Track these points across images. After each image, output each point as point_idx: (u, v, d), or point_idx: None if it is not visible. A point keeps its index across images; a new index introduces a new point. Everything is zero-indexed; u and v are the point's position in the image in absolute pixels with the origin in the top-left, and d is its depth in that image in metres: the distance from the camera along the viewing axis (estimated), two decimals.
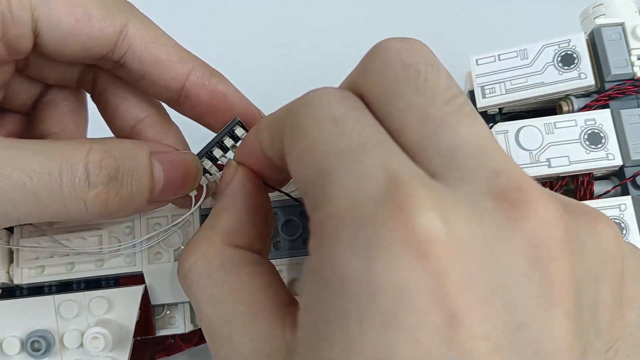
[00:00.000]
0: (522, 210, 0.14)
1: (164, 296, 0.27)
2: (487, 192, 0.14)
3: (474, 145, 0.15)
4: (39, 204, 0.20)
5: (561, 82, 0.28)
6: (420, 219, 0.13)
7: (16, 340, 0.25)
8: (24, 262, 0.25)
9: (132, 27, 0.23)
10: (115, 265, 0.26)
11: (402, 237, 0.13)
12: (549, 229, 0.14)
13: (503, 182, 0.14)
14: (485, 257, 0.14)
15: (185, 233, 0.26)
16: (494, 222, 0.14)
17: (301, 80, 0.42)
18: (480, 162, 0.15)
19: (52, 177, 0.20)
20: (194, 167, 0.23)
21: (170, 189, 0.23)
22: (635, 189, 0.27)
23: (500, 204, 0.14)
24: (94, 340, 0.24)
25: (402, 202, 0.13)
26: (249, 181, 0.21)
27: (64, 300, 0.26)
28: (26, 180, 0.20)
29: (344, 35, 0.43)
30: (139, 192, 0.21)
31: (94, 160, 0.20)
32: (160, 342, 0.28)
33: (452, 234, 0.13)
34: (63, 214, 0.21)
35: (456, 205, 0.14)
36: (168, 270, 0.26)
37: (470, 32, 0.42)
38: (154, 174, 0.22)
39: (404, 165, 0.15)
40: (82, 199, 0.20)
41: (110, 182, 0.21)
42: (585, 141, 0.27)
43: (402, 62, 0.17)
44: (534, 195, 0.14)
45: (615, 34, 0.28)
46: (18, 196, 0.20)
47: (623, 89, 0.28)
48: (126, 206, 0.21)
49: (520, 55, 0.28)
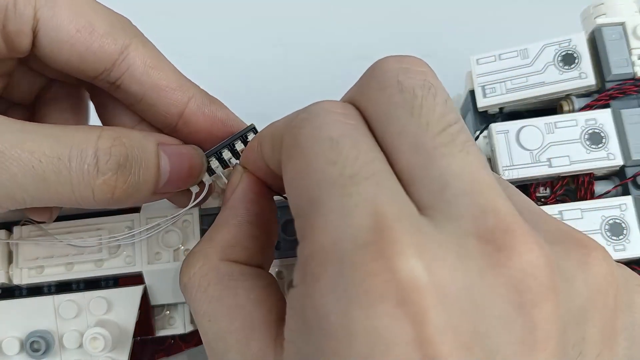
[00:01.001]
0: (506, 254, 0.14)
1: (164, 296, 0.26)
2: (472, 233, 0.14)
3: (463, 179, 0.15)
4: (47, 188, 0.20)
5: (562, 82, 0.28)
6: (403, 265, 0.13)
7: (16, 341, 0.25)
8: (23, 262, 0.25)
9: (134, 49, 0.22)
10: (115, 265, 0.26)
11: (382, 283, 0.13)
12: (533, 274, 0.14)
13: (489, 223, 0.14)
14: (467, 303, 0.14)
15: (185, 233, 0.26)
16: (478, 266, 0.14)
17: (299, 79, 0.42)
18: (468, 200, 0.15)
19: (61, 161, 0.20)
20: (199, 161, 0.23)
21: (175, 181, 0.23)
22: (636, 188, 0.27)
23: (484, 247, 0.14)
24: (93, 340, 0.24)
25: (384, 247, 0.13)
26: (253, 189, 0.21)
27: (63, 301, 0.25)
28: (35, 163, 0.20)
29: (345, 35, 0.43)
30: (145, 181, 0.21)
31: (103, 147, 0.20)
32: (159, 342, 0.28)
33: (434, 280, 0.13)
34: (70, 200, 0.20)
35: (440, 249, 0.14)
36: (167, 270, 0.26)
37: (471, 31, 0.42)
38: (161, 164, 0.22)
39: (393, 203, 0.14)
40: (90, 185, 0.20)
41: (119, 170, 0.20)
42: (586, 141, 0.27)
43: (400, 84, 0.16)
44: (520, 237, 0.14)
45: (615, 33, 0.28)
46: (26, 179, 0.20)
47: (624, 88, 0.27)
48: (132, 195, 0.21)
49: (521, 55, 0.28)
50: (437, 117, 0.16)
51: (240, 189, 0.21)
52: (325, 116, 0.16)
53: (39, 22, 0.22)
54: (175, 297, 0.27)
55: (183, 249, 0.26)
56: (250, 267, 0.20)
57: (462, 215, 0.14)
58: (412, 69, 0.17)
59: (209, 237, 0.20)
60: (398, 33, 0.43)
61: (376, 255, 0.13)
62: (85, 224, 0.26)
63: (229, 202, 0.21)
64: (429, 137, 0.15)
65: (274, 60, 0.43)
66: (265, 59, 0.43)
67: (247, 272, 0.19)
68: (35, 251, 0.26)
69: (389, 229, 0.14)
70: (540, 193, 0.28)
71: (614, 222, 0.26)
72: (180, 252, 0.26)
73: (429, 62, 0.17)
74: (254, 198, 0.21)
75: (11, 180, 0.19)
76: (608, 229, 0.26)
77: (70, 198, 0.20)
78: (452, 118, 0.16)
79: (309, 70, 0.42)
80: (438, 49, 0.41)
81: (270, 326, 0.18)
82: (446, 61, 0.16)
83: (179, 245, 0.26)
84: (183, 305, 0.27)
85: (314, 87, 0.42)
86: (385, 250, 0.13)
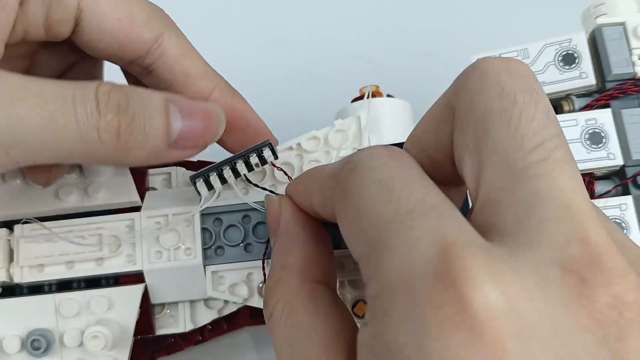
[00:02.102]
0: (591, 287, 0.13)
1: (164, 295, 0.26)
2: (555, 261, 0.13)
3: (553, 204, 0.14)
4: (56, 131, 0.20)
5: (562, 82, 0.28)
6: (476, 293, 0.13)
7: (16, 339, 0.25)
8: (24, 260, 0.25)
9: (168, 37, 0.24)
10: (115, 264, 0.26)
11: (455, 313, 0.12)
12: (621, 308, 0.13)
13: (575, 252, 0.13)
14: (549, 334, 0.13)
15: (186, 233, 0.26)
16: (560, 295, 0.13)
17: (298, 79, 0.42)
18: (555, 226, 0.14)
19: (67, 102, 0.20)
20: (216, 115, 0.23)
21: (190, 134, 0.22)
22: (636, 188, 0.27)
23: (568, 277, 0.13)
24: (94, 339, 0.24)
25: (454, 276, 0.13)
26: (299, 212, 0.21)
27: (64, 299, 0.25)
28: (42, 104, 0.20)
29: (345, 35, 0.43)
30: (152, 128, 0.21)
31: (103, 90, 0.21)
32: (160, 341, 0.28)
33: (512, 308, 0.13)
34: (79, 146, 0.20)
35: (517, 275, 0.13)
36: (168, 269, 0.26)
37: (471, 31, 0.42)
38: (170, 114, 0.22)
39: (458, 232, 0.14)
40: (95, 127, 0.20)
41: (120, 112, 0.20)
42: (586, 141, 0.27)
43: (500, 86, 0.15)
44: (608, 270, 0.13)
45: (616, 33, 0.28)
46: (34, 120, 0.19)
47: (624, 88, 0.28)
48: (141, 143, 0.21)
49: (521, 55, 0.28)
50: (535, 130, 0.15)
51: (287, 213, 0.21)
52: (370, 162, 0.16)
53: (82, 12, 0.23)
54: (175, 296, 0.27)
55: (184, 248, 0.26)
56: (326, 286, 0.19)
57: (545, 243, 0.14)
58: (516, 70, 0.16)
59: (280, 265, 0.20)
60: (398, 33, 0.43)
61: (447, 285, 0.13)
62: (86, 222, 0.26)
63: (281, 228, 0.21)
64: (521, 155, 0.15)
65: (273, 60, 0.43)
66: (265, 58, 0.43)
67: (324, 293, 0.19)
68: (36, 250, 0.26)
69: (458, 257, 0.13)
70: None
71: (614, 222, 0.26)
72: (181, 251, 0.26)
73: (428, 62, 0.17)
74: (303, 220, 0.21)
75: (20, 123, 0.19)
76: None
77: (79, 144, 0.20)
78: (551, 131, 0.15)
79: (309, 70, 0.42)
80: (438, 49, 0.41)
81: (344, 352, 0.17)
82: (446, 61, 0.16)
83: (179, 244, 0.26)
84: (183, 304, 0.27)
85: (314, 86, 0.42)
86: (456, 278, 0.13)
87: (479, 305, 0.12)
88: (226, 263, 0.26)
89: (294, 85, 0.42)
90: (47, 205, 0.26)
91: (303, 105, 0.41)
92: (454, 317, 0.13)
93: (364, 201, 0.15)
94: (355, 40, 0.43)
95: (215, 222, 0.27)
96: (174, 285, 0.26)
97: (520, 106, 0.15)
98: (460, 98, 0.16)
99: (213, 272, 0.26)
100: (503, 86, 0.15)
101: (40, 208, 0.26)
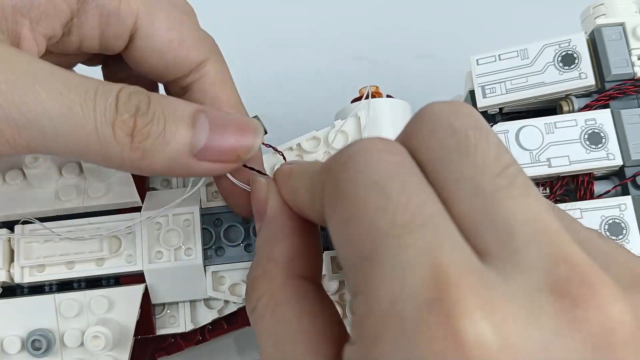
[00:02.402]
0: (583, 308, 0.13)
1: (165, 295, 0.27)
2: (545, 286, 0.13)
3: (530, 226, 0.14)
4: (72, 121, 0.19)
5: (561, 82, 0.28)
6: (470, 327, 0.12)
7: (17, 339, 0.25)
8: (24, 260, 0.25)
9: (211, 63, 0.25)
10: (116, 264, 0.26)
11: (448, 348, 0.12)
12: (613, 328, 0.13)
13: (563, 274, 0.13)
14: None
15: (186, 232, 0.26)
16: (553, 323, 0.13)
17: (298, 79, 0.42)
18: (538, 249, 0.14)
19: (88, 94, 0.20)
20: (251, 128, 0.22)
21: (219, 146, 0.21)
22: (636, 189, 0.27)
23: (559, 301, 0.13)
24: (94, 339, 0.24)
25: (449, 307, 0.12)
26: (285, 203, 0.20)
27: (64, 299, 0.26)
28: (64, 91, 0.19)
29: (345, 35, 0.43)
30: (173, 133, 0.20)
31: (126, 90, 0.20)
32: (160, 341, 0.28)
33: (506, 343, 0.12)
34: (94, 142, 0.20)
35: (510, 306, 0.13)
36: (168, 269, 0.26)
37: (471, 31, 0.42)
38: (197, 124, 0.21)
39: (454, 253, 0.14)
40: (111, 123, 0.20)
41: (138, 112, 0.20)
42: (586, 141, 0.27)
43: (451, 126, 0.16)
44: (597, 290, 0.13)
45: (615, 33, 0.28)
46: (53, 105, 0.19)
47: (623, 88, 0.28)
48: (159, 147, 0.20)
49: (521, 55, 0.28)
50: (493, 158, 0.15)
51: (274, 200, 0.20)
52: (366, 156, 0.16)
53: (138, 30, 0.23)
54: (176, 296, 0.27)
55: (184, 248, 0.26)
56: (313, 283, 0.19)
57: (532, 267, 0.14)
58: (462, 111, 0.16)
59: (266, 255, 0.19)
60: (398, 33, 0.43)
61: (440, 316, 0.12)
62: (86, 222, 0.26)
63: (268, 216, 0.20)
64: (487, 179, 0.15)
65: (274, 60, 0.43)
66: (265, 59, 0.43)
67: (310, 289, 0.19)
68: (36, 250, 0.26)
69: (452, 285, 0.13)
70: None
71: (613, 222, 0.26)
72: (181, 251, 0.26)
73: (428, 62, 0.18)
74: (289, 211, 0.20)
75: (37, 105, 0.19)
76: (607, 229, 0.26)
77: (93, 138, 0.20)
78: (508, 159, 0.15)
79: (308, 70, 0.42)
80: (438, 49, 0.42)
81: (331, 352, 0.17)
82: (446, 61, 0.16)
83: (179, 244, 0.26)
84: (184, 304, 0.27)
85: (313, 86, 0.42)
86: (449, 310, 0.12)
87: (473, 339, 0.12)
88: (226, 263, 0.26)
89: (294, 85, 0.42)
90: (47, 205, 0.26)
91: (303, 105, 0.41)
92: (446, 350, 0.12)
93: (358, 206, 0.15)
94: (355, 41, 0.43)
95: (216, 222, 0.27)
96: (174, 285, 0.26)
97: (473, 140, 0.15)
98: (415, 141, 0.16)
99: (213, 272, 0.26)
100: (453, 126, 0.16)
101: (41, 208, 0.26)
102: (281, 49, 0.43)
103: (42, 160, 0.26)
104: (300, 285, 0.19)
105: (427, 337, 0.12)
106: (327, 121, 0.28)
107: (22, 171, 0.26)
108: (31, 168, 0.26)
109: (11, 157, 0.27)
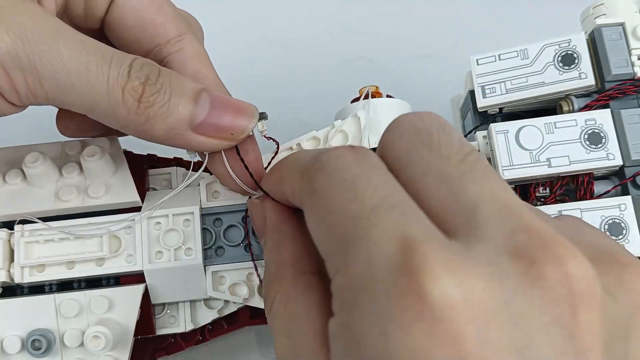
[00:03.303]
0: (541, 267, 0.14)
1: (165, 295, 0.27)
2: (505, 250, 0.14)
3: (493, 203, 0.15)
4: (88, 78, 0.22)
5: (561, 82, 0.28)
6: (434, 284, 0.13)
7: (17, 339, 0.25)
8: (24, 260, 0.25)
9: (189, 39, 0.25)
10: (116, 264, 0.26)
11: (415, 303, 0.13)
12: (571, 284, 0.14)
13: (521, 240, 0.15)
14: (505, 318, 0.14)
15: (186, 232, 0.26)
16: (513, 281, 0.14)
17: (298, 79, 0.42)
18: (499, 221, 0.15)
19: (105, 58, 0.22)
20: (248, 111, 0.24)
21: (215, 123, 0.23)
22: (636, 188, 0.27)
23: (518, 262, 0.14)
24: (94, 339, 0.24)
25: (414, 269, 0.14)
26: (281, 210, 0.22)
27: (64, 299, 0.26)
28: (83, 51, 0.22)
29: (345, 35, 0.43)
30: (176, 105, 0.22)
31: (139, 61, 0.23)
32: (160, 341, 0.28)
33: (468, 297, 0.14)
34: (104, 101, 0.22)
35: (473, 266, 0.14)
36: (168, 269, 0.26)
37: (471, 31, 0.42)
38: (199, 100, 0.23)
39: (419, 227, 0.15)
40: (121, 87, 0.22)
41: (147, 82, 0.22)
42: (586, 141, 0.27)
43: (415, 127, 0.17)
44: (555, 250, 0.14)
45: (615, 33, 0.28)
46: (72, 62, 0.21)
47: (623, 88, 0.28)
48: (162, 116, 0.22)
49: (521, 55, 0.28)
50: (456, 149, 0.17)
51: (271, 213, 0.22)
52: (336, 161, 0.17)
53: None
54: (176, 296, 0.27)
55: (184, 248, 0.26)
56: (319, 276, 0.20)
57: (493, 236, 0.15)
58: (426, 116, 0.18)
59: (274, 263, 0.21)
60: (398, 33, 0.43)
61: (408, 277, 0.14)
62: (86, 222, 0.26)
63: (269, 228, 0.22)
64: (452, 167, 0.16)
65: (274, 60, 0.43)
66: (265, 58, 0.43)
67: (316, 283, 0.20)
68: (36, 250, 0.26)
69: (418, 250, 0.14)
70: (539, 193, 0.28)
71: (613, 222, 0.26)
72: (181, 251, 0.26)
73: (428, 62, 0.18)
74: (287, 216, 0.22)
75: (58, 60, 0.21)
76: (607, 229, 0.26)
77: (104, 96, 0.22)
78: (469, 148, 0.17)
79: (309, 70, 0.42)
80: (438, 49, 0.42)
81: None
82: (446, 61, 0.17)
83: (180, 244, 0.26)
84: (184, 304, 0.27)
85: (313, 86, 0.42)
86: (415, 271, 0.14)
87: (437, 295, 0.13)
88: (226, 263, 0.26)
89: (294, 85, 0.42)
90: (47, 205, 0.26)
91: (303, 105, 0.41)
92: (415, 306, 0.13)
93: (331, 199, 0.16)
94: (355, 41, 0.43)
95: (216, 222, 0.27)
96: (174, 285, 0.26)
97: (436, 135, 0.17)
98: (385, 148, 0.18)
99: (213, 272, 0.26)
100: (417, 127, 0.18)
101: (41, 208, 0.26)
102: (281, 49, 0.43)
103: (42, 160, 0.26)
104: (308, 280, 0.20)
105: (397, 296, 0.14)
106: (327, 121, 0.29)
107: (22, 171, 0.26)
108: (31, 168, 0.26)
109: (11, 157, 0.27)
